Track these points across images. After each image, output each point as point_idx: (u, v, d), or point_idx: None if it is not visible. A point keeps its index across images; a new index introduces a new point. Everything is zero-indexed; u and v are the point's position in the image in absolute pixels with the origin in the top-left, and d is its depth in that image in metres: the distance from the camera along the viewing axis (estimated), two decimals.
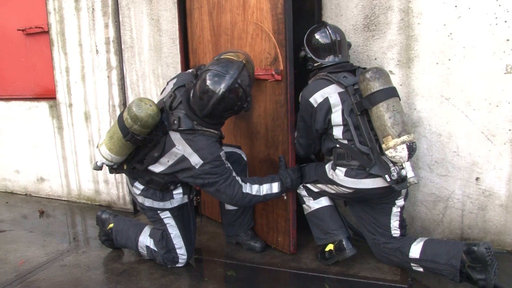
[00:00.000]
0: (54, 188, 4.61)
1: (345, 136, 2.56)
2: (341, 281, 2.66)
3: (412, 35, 2.86)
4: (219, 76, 2.45)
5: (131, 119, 2.44)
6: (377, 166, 2.45)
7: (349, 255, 2.72)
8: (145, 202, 2.81)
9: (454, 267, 2.39)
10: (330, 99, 2.57)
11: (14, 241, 3.49)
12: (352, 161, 2.56)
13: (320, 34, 2.75)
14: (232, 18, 3.10)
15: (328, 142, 2.69)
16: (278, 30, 2.75)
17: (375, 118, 2.42)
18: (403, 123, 2.38)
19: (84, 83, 4.14)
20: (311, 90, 2.65)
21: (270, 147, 3.00)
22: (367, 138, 2.49)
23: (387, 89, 2.41)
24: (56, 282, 2.80)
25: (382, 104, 2.38)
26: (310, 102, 2.63)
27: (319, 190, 2.83)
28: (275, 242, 3.11)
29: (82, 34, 4.06)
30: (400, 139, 2.34)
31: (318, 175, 2.77)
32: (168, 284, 2.70)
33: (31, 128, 4.60)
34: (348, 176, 2.56)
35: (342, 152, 2.59)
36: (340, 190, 2.66)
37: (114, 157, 2.62)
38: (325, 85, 2.61)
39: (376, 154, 2.46)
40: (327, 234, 2.81)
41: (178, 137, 2.57)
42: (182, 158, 2.57)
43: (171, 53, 3.68)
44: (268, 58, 2.85)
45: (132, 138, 2.50)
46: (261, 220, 3.21)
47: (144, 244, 2.94)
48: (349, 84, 2.56)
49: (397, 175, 2.42)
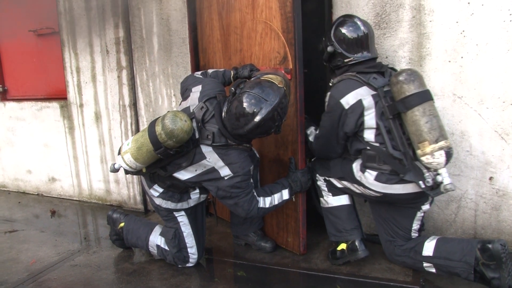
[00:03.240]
0: (66, 188, 4.64)
1: (377, 139, 2.47)
2: (352, 282, 2.64)
3: (424, 33, 2.82)
4: (260, 102, 2.37)
5: (165, 135, 2.38)
6: (411, 172, 2.36)
7: (361, 257, 2.70)
8: (163, 204, 2.80)
9: (468, 264, 2.36)
10: (364, 101, 2.45)
11: (26, 241, 3.52)
12: (384, 165, 2.46)
13: (350, 27, 2.59)
14: (241, 17, 3.09)
15: (357, 143, 2.57)
16: (287, 29, 2.71)
17: (409, 123, 2.33)
18: (440, 128, 2.29)
19: (95, 83, 4.16)
20: (342, 91, 2.51)
21: (280, 147, 2.98)
22: (399, 143, 2.40)
23: (423, 92, 2.31)
24: (67, 282, 2.81)
25: (417, 108, 2.28)
26: (341, 103, 2.49)
27: (343, 186, 2.75)
28: (285, 243, 3.10)
29: (92, 35, 4.07)
30: (437, 145, 2.26)
31: (344, 172, 2.67)
32: (178, 284, 2.69)
33: (43, 128, 4.63)
34: (378, 181, 2.48)
35: (373, 155, 2.49)
36: (367, 192, 2.58)
37: (139, 166, 2.60)
38: (357, 86, 2.49)
39: (409, 159, 2.38)
40: (341, 232, 2.78)
41: (210, 150, 2.55)
42: (211, 170, 2.56)
43: (181, 52, 3.68)
44: (277, 57, 2.82)
45: (164, 152, 2.46)
46: (271, 220, 3.20)
47: (154, 244, 2.94)
48: (380, 86, 2.46)
49: (432, 181, 2.33)
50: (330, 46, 2.64)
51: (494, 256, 2.28)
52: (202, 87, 2.73)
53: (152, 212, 4.06)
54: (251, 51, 3.04)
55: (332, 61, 2.69)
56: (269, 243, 3.11)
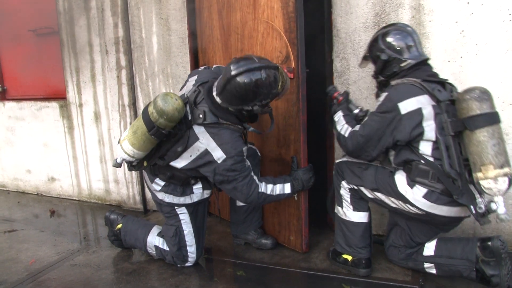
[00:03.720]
0: (65, 187, 4.64)
1: (434, 154, 2.32)
2: (352, 282, 2.64)
3: (424, 33, 2.82)
4: (245, 60, 2.45)
5: (157, 113, 2.44)
6: (465, 195, 2.23)
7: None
8: (165, 198, 2.80)
9: (470, 261, 2.38)
10: (424, 110, 2.29)
11: (26, 241, 3.52)
12: (437, 183, 2.30)
13: (398, 34, 2.48)
14: (242, 17, 3.10)
15: (406, 153, 2.40)
16: (289, 29, 2.73)
17: (474, 143, 2.16)
18: (506, 153, 2.16)
19: (94, 83, 4.16)
20: (402, 94, 2.35)
21: (282, 146, 2.99)
22: (456, 162, 2.25)
23: (494, 114, 2.18)
24: (67, 281, 2.81)
25: (487, 129, 2.14)
26: (398, 107, 2.32)
27: (373, 197, 2.58)
28: (287, 241, 3.10)
29: (92, 34, 4.07)
30: (502, 171, 2.10)
31: (380, 184, 2.51)
32: (178, 284, 2.69)
33: (42, 128, 4.63)
34: (427, 199, 2.32)
35: (425, 170, 2.33)
36: (406, 208, 2.43)
37: (137, 153, 2.62)
38: (418, 93, 2.32)
39: (464, 181, 2.24)
40: (351, 247, 2.69)
41: (202, 130, 2.57)
42: (205, 152, 2.57)
43: (181, 52, 3.67)
44: (280, 57, 2.83)
45: (157, 132, 2.50)
46: (272, 219, 3.20)
47: (152, 244, 2.94)
48: (444, 99, 2.30)
49: (485, 207, 2.20)
50: (383, 54, 2.48)
51: (494, 252, 2.29)
52: (198, 76, 2.79)
53: (152, 212, 4.06)
54: (252, 51, 3.04)
55: (387, 70, 2.51)
56: (270, 240, 3.12)
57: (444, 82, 2.41)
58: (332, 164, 3.00)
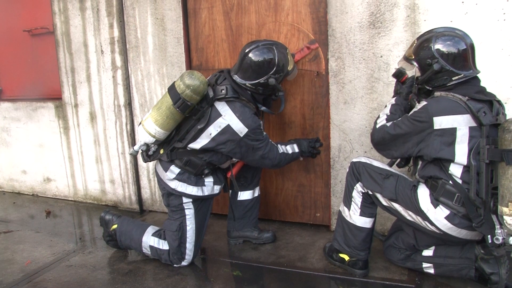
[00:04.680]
0: (61, 188, 4.63)
1: (463, 177, 2.24)
2: (348, 281, 2.64)
3: (419, 32, 2.82)
4: (258, 40, 2.81)
5: (184, 85, 2.60)
6: (485, 224, 2.17)
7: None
8: (179, 187, 2.83)
9: (469, 259, 2.39)
10: (458, 132, 2.19)
11: (21, 241, 3.51)
12: (461, 207, 2.24)
13: (456, 43, 2.28)
14: (259, 19, 3.36)
15: (434, 170, 2.33)
16: (319, 31, 3.15)
17: (507, 177, 2.05)
18: None
19: (90, 83, 4.14)
20: (442, 109, 2.22)
21: (308, 133, 3.35)
22: (484, 190, 2.16)
23: None
24: (63, 282, 2.80)
25: None
26: (433, 120, 2.22)
27: (388, 206, 2.52)
28: (313, 219, 3.48)
29: (87, 34, 4.06)
30: None
31: (400, 196, 2.43)
32: (174, 284, 2.69)
33: (38, 129, 4.61)
34: (449, 221, 2.27)
35: (452, 191, 2.26)
36: (423, 224, 2.37)
37: (158, 131, 2.70)
38: (460, 112, 2.20)
39: (488, 209, 2.17)
40: (350, 248, 2.67)
41: (225, 107, 2.72)
42: (227, 128, 2.69)
43: (176, 52, 3.67)
44: (307, 56, 3.20)
45: (183, 104, 2.62)
46: (295, 202, 3.53)
47: (147, 245, 2.94)
48: (487, 123, 2.17)
49: (502, 239, 2.15)
50: (436, 63, 2.26)
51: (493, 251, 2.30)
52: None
53: (148, 213, 4.05)
54: None
55: (436, 80, 2.33)
56: (271, 233, 3.25)
57: (493, 101, 2.27)
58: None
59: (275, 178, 3.54)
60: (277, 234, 3.32)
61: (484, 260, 2.36)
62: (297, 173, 3.46)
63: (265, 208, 3.59)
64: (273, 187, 3.57)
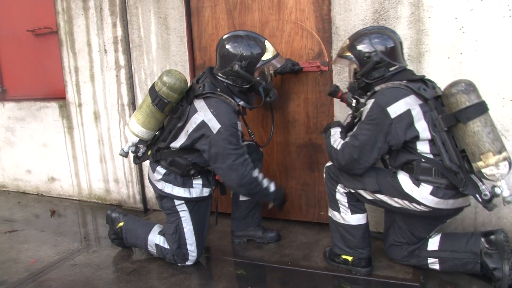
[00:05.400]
0: (65, 187, 4.64)
1: (432, 151, 2.34)
2: (352, 280, 2.63)
3: (423, 29, 2.81)
4: (238, 31, 2.83)
5: (161, 83, 2.65)
6: (470, 185, 2.27)
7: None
8: (165, 188, 2.82)
9: (475, 253, 2.41)
10: (413, 111, 2.31)
11: (26, 241, 3.52)
12: (441, 179, 2.33)
13: (385, 37, 2.48)
14: (262, 18, 3.36)
15: (406, 155, 2.41)
16: (323, 29, 3.14)
17: (469, 134, 2.19)
18: (500, 139, 2.21)
19: (93, 83, 4.15)
20: (389, 98, 2.34)
21: (312, 132, 3.33)
22: (454, 155, 2.28)
23: (482, 103, 2.22)
24: (67, 281, 2.81)
25: (479, 118, 2.18)
26: (387, 112, 2.31)
27: (373, 199, 2.56)
28: (317, 218, 3.47)
29: (91, 34, 4.06)
30: (502, 156, 2.15)
31: (383, 186, 2.48)
32: (178, 283, 2.69)
33: (42, 128, 4.63)
34: (434, 195, 2.34)
35: (428, 167, 2.35)
36: (411, 207, 2.42)
37: (141, 130, 2.72)
38: (405, 95, 2.33)
39: (465, 172, 2.27)
40: (352, 249, 2.66)
41: (201, 103, 2.68)
42: (201, 124, 2.64)
43: (179, 51, 3.66)
44: (311, 54, 3.21)
45: (160, 101, 2.65)
46: (299, 200, 3.51)
47: (153, 243, 2.94)
48: (430, 97, 2.33)
49: (490, 194, 2.24)
50: (374, 55, 2.43)
51: (497, 245, 2.35)
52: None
53: (152, 212, 4.06)
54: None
55: (375, 72, 2.48)
56: (275, 232, 3.23)
57: (425, 80, 2.43)
58: None
59: (278, 176, 3.53)
60: (281, 232, 3.30)
61: (488, 254, 2.38)
62: (301, 172, 3.45)
63: None
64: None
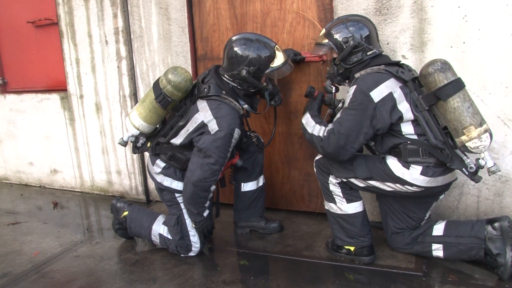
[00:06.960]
0: (68, 179, 4.65)
1: (417, 131, 2.40)
2: (355, 269, 2.64)
3: (426, 18, 2.79)
4: (248, 33, 2.76)
5: (166, 80, 2.63)
6: (456, 160, 2.34)
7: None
8: (164, 181, 2.84)
9: (479, 238, 2.44)
10: (394, 94, 2.37)
11: (29, 233, 3.53)
12: (429, 158, 2.39)
13: (360, 23, 2.56)
14: (264, 7, 3.34)
15: (392, 139, 2.46)
16: (325, 19, 3.11)
17: (450, 110, 2.27)
18: (479, 112, 2.28)
19: (95, 74, 4.14)
20: (371, 83, 2.40)
21: None
22: (438, 133, 2.35)
23: (459, 80, 2.29)
24: (70, 272, 2.82)
25: (458, 94, 2.25)
26: (371, 96, 2.36)
27: (365, 186, 2.59)
28: (319, 208, 3.46)
29: (91, 25, 4.04)
30: (483, 128, 2.23)
31: (373, 171, 2.52)
32: (181, 274, 2.70)
33: (43, 120, 4.62)
34: (424, 175, 2.39)
35: (415, 149, 2.40)
36: (404, 189, 2.47)
37: (142, 124, 2.73)
38: (385, 78, 2.40)
39: (450, 148, 2.35)
40: (353, 238, 2.68)
41: (204, 104, 2.67)
42: (201, 124, 2.64)
43: (181, 42, 3.65)
44: (312, 44, 3.13)
45: (163, 99, 2.65)
46: (301, 191, 3.52)
47: (157, 232, 2.95)
48: (409, 79, 2.40)
49: (475, 166, 2.32)
50: (350, 41, 2.51)
51: (502, 231, 2.40)
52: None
53: (154, 203, 4.06)
54: (277, 39, 3.29)
55: (353, 57, 2.54)
56: (277, 223, 3.23)
57: (401, 64, 2.53)
58: None
59: (281, 167, 3.54)
60: (283, 223, 3.31)
61: (492, 240, 2.42)
62: (303, 162, 3.45)
63: (271, 197, 3.60)
64: (280, 176, 3.56)
